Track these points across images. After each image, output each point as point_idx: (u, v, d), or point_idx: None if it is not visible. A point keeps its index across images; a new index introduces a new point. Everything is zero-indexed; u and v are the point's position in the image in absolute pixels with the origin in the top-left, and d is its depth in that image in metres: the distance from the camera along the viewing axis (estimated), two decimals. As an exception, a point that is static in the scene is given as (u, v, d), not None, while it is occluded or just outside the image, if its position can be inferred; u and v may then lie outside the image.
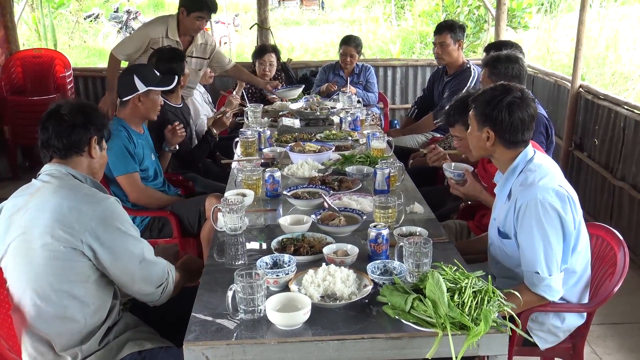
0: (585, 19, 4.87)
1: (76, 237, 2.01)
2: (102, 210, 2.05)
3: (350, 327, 1.86)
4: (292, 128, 4.32)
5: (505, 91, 2.34)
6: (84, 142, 2.19)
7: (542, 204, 2.21)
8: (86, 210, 2.03)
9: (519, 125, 2.32)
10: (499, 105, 2.31)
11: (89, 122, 2.20)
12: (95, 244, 2.03)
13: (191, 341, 1.81)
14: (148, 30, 4.69)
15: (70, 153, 2.18)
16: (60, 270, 2.02)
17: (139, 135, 3.49)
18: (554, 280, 2.23)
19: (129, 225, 2.13)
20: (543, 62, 9.23)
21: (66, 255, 2.01)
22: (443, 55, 4.85)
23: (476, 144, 2.46)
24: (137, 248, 2.12)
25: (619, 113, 4.45)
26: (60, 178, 2.13)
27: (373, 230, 2.26)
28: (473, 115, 2.43)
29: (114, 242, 2.05)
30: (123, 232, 2.08)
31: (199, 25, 4.63)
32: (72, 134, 2.16)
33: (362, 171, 3.27)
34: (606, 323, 3.50)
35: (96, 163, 2.26)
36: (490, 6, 7.07)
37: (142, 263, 2.12)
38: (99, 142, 2.25)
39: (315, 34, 15.47)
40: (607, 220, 4.53)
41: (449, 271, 1.97)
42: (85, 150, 2.21)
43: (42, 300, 2.03)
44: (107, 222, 2.05)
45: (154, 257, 2.18)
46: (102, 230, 2.03)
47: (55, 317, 2.05)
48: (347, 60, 5.68)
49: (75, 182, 2.14)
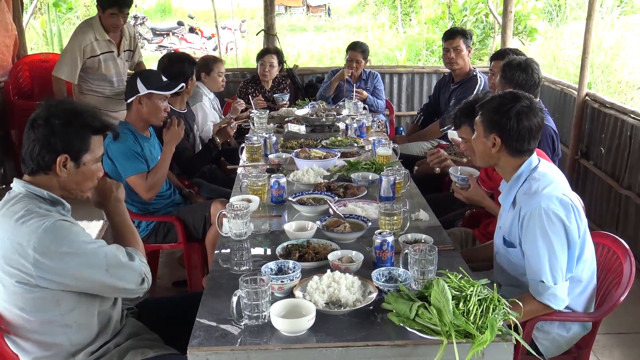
0: (592, 28, 4.86)
1: (26, 273, 1.88)
2: (40, 240, 1.85)
3: (355, 334, 1.86)
4: (298, 134, 4.32)
5: (514, 99, 2.34)
6: (48, 162, 1.99)
7: (546, 213, 2.21)
8: (26, 244, 1.85)
9: (526, 134, 2.32)
10: (507, 113, 2.31)
11: (59, 139, 1.98)
12: (48, 275, 1.88)
13: (195, 347, 1.81)
14: (78, 40, 4.64)
15: (36, 171, 2.01)
16: (25, 299, 1.92)
17: (146, 138, 3.50)
18: (559, 289, 2.22)
19: (79, 240, 1.93)
20: (549, 70, 9.23)
21: (24, 288, 1.90)
22: (457, 60, 4.86)
23: (482, 150, 2.45)
24: (97, 260, 1.94)
25: (626, 121, 4.44)
26: (8, 202, 1.98)
27: (378, 237, 2.26)
28: (480, 121, 2.42)
29: (66, 267, 1.89)
30: (73, 253, 1.89)
31: (115, 22, 4.62)
32: (36, 152, 1.97)
33: (367, 178, 3.27)
34: (612, 333, 3.48)
35: (69, 181, 2.04)
36: (497, 14, 7.07)
37: (110, 271, 1.96)
38: (74, 159, 2.01)
39: (321, 41, 15.53)
40: (614, 229, 4.51)
41: (454, 279, 1.96)
42: (52, 170, 2.00)
43: (21, 322, 1.97)
44: (52, 250, 1.86)
45: (121, 259, 2.00)
46: (49, 261, 1.86)
47: (36, 341, 2.00)
48: (354, 66, 5.69)
49: (19, 207, 1.93)
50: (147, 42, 15.74)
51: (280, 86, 5.84)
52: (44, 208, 1.96)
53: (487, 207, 2.91)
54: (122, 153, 3.29)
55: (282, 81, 5.93)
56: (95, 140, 2.08)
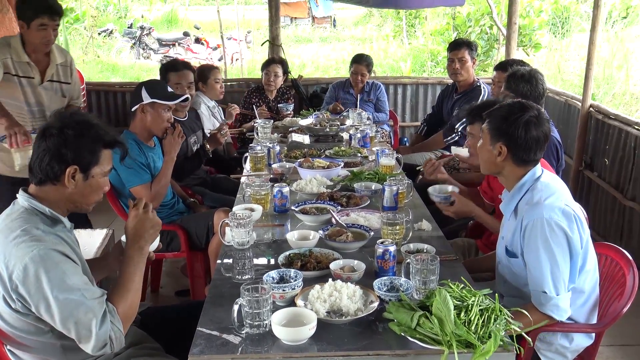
0: (596, 39, 4.87)
1: (10, 297, 1.86)
2: (24, 269, 1.81)
3: (356, 343, 1.85)
4: (302, 144, 4.33)
5: (522, 109, 2.34)
6: (57, 172, 1.97)
7: (548, 223, 2.20)
8: (11, 268, 1.83)
9: (533, 144, 2.32)
10: (515, 122, 2.31)
11: (70, 150, 1.96)
12: (27, 303, 1.85)
13: (196, 355, 1.81)
14: None
15: (44, 181, 1.99)
16: (14, 319, 1.91)
17: (150, 148, 3.51)
18: (562, 299, 2.21)
19: (61, 281, 1.83)
20: (554, 82, 9.24)
21: (10, 310, 1.89)
22: (462, 71, 4.87)
23: (487, 158, 2.45)
24: (65, 311, 1.83)
25: (630, 133, 4.43)
26: (9, 215, 1.97)
27: (380, 246, 2.26)
28: (487, 129, 2.42)
29: (38, 301, 1.83)
30: (48, 292, 1.81)
31: (45, 36, 3.64)
32: (45, 162, 1.96)
33: (370, 188, 3.27)
34: (616, 345, 3.46)
35: (76, 194, 2.02)
36: (501, 25, 7.09)
37: (75, 325, 1.84)
38: (83, 171, 2.00)
39: (326, 52, 15.59)
40: (617, 240, 4.49)
41: (455, 289, 1.96)
42: (60, 181, 1.98)
43: (15, 338, 1.96)
44: (31, 282, 1.81)
45: (91, 324, 1.84)
46: (26, 291, 1.82)
47: (31, 356, 2.00)
48: (358, 79, 5.71)
49: (17, 225, 1.90)
50: (153, 52, 15.85)
51: (285, 96, 5.86)
52: (42, 229, 1.91)
53: (478, 216, 2.92)
54: (126, 163, 3.31)
55: (287, 91, 5.96)
56: (105, 153, 2.07)
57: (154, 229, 2.09)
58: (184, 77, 4.29)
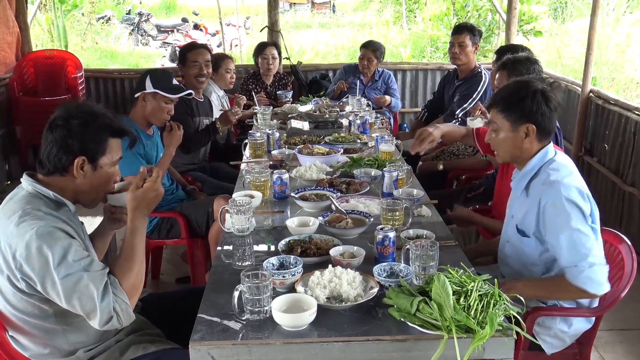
0: (596, 24, 4.85)
1: (14, 276, 1.88)
2: (26, 246, 1.82)
3: (356, 329, 1.86)
4: (301, 130, 4.33)
5: (530, 85, 2.36)
6: (65, 163, 1.98)
7: (568, 200, 2.22)
8: (14, 247, 1.84)
9: (554, 111, 2.35)
10: (534, 99, 2.32)
11: (76, 140, 1.97)
12: (31, 281, 1.86)
13: (197, 341, 1.82)
14: None
15: (53, 173, 2.00)
16: (17, 299, 1.92)
17: (148, 136, 3.51)
18: (595, 272, 2.17)
19: (62, 255, 1.84)
20: (554, 67, 9.20)
21: (14, 289, 1.90)
22: (460, 56, 4.85)
23: (510, 144, 2.41)
24: (68, 284, 1.83)
25: (630, 118, 4.43)
26: (11, 198, 1.97)
27: (380, 232, 2.27)
28: (504, 117, 2.39)
29: (44, 277, 1.84)
30: (51, 266, 1.82)
31: None
32: (53, 153, 1.97)
33: (370, 174, 3.27)
34: (615, 329, 3.48)
35: (85, 184, 2.03)
36: (501, 10, 7.05)
37: (78, 300, 1.85)
38: (91, 161, 2.00)
39: (325, 37, 15.51)
40: (617, 225, 4.51)
41: (455, 274, 1.96)
42: (69, 172, 1.99)
43: (17, 321, 1.97)
44: (34, 257, 1.82)
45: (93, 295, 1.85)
46: (30, 268, 1.83)
47: (33, 339, 2.01)
48: (365, 64, 5.70)
49: (18, 206, 1.91)
50: (152, 38, 15.77)
51: (282, 81, 5.83)
52: (44, 210, 1.91)
53: (477, 221, 3.06)
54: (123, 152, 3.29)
55: (284, 77, 5.93)
56: (113, 142, 2.07)
57: (158, 197, 2.09)
58: (200, 54, 4.38)
